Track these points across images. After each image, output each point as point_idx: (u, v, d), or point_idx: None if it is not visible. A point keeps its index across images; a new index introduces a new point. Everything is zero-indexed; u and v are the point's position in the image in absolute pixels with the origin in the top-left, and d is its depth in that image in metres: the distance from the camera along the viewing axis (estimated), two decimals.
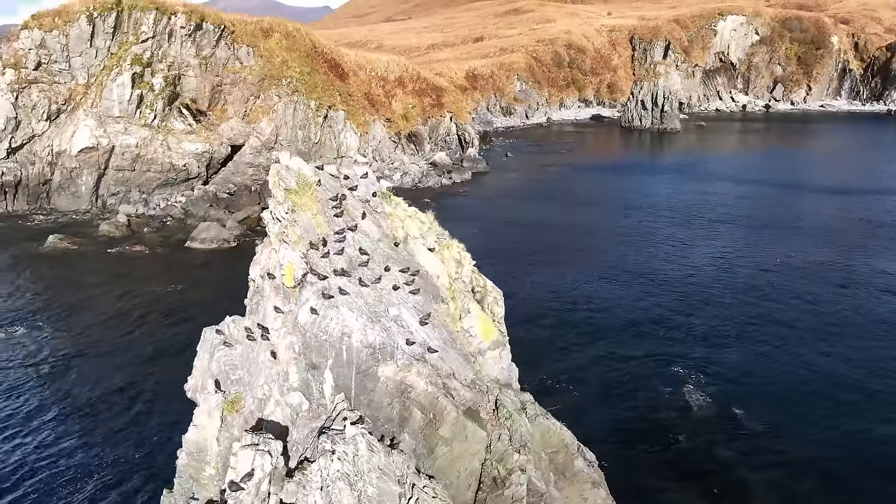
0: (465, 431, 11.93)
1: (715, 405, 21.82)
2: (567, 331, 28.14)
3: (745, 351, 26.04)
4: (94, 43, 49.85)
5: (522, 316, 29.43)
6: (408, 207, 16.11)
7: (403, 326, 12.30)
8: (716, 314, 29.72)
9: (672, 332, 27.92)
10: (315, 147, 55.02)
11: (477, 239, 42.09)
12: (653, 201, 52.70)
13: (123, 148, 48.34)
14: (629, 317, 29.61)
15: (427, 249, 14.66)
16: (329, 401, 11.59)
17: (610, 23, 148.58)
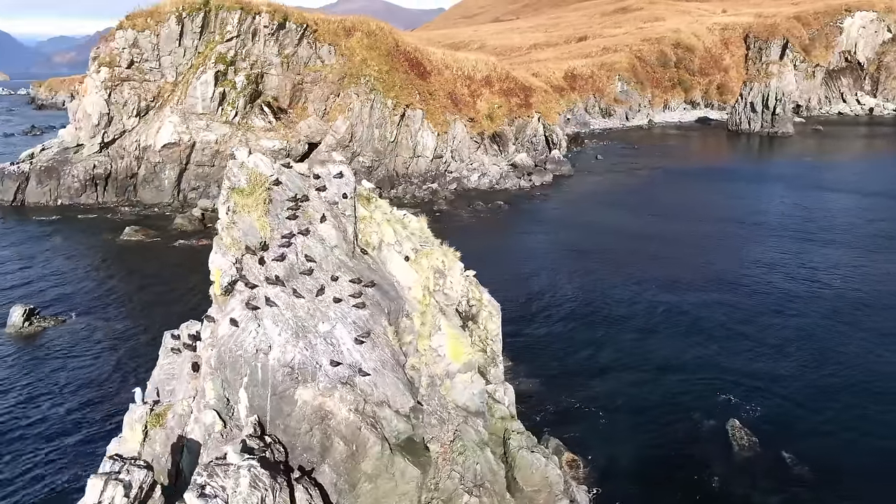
0: (392, 468, 10.54)
1: (762, 445, 19.15)
2: (613, 346, 25.92)
3: (818, 386, 22.96)
4: (183, 42, 51.53)
5: (563, 329, 27.49)
6: (393, 211, 14.81)
7: (333, 345, 11.05)
8: (797, 341, 26.52)
9: (735, 356, 25.14)
10: (391, 146, 54.64)
11: (541, 244, 40.37)
12: (749, 211, 48.44)
13: (203, 144, 49.73)
14: (689, 333, 26.98)
15: (402, 258, 13.31)
16: (245, 423, 10.51)
17: (723, 21, 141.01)
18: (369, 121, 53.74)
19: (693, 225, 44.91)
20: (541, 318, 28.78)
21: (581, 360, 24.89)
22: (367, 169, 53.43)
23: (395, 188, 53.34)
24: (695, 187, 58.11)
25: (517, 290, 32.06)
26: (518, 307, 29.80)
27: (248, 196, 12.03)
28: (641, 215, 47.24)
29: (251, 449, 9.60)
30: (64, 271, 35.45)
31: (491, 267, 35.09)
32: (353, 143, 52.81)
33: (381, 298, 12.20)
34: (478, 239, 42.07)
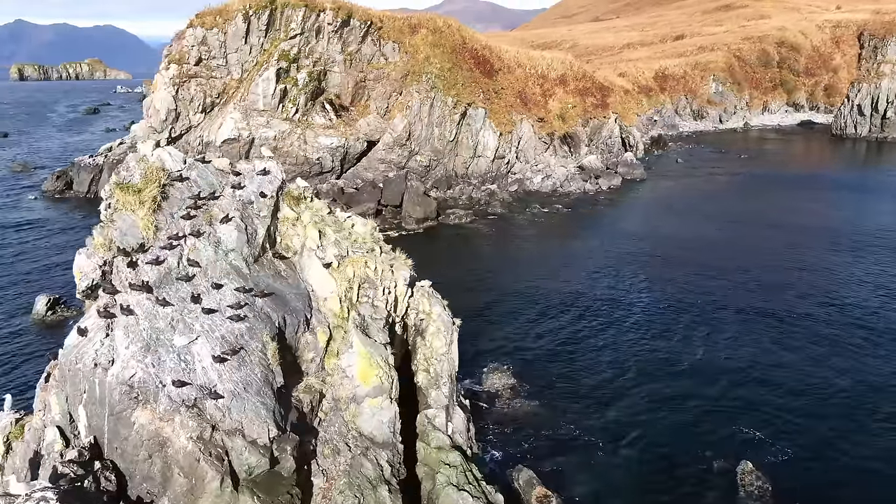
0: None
1: (774, 496, 16.61)
2: (635, 372, 23.61)
3: (860, 439, 19.96)
4: (249, 40, 52.25)
5: (582, 348, 25.40)
6: (336, 213, 13.54)
7: (186, 362, 9.90)
8: (857, 387, 23.37)
9: (772, 392, 22.35)
10: (450, 145, 53.41)
11: (586, 252, 37.84)
12: (840, 225, 43.26)
13: (262, 140, 50.15)
14: (726, 367, 24.27)
15: (322, 265, 12.03)
16: (84, 443, 9.53)
17: (835, 17, 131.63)
18: (428, 119, 52.70)
19: (769, 238, 40.87)
20: (560, 333, 26.74)
21: (594, 383, 22.79)
22: (425, 168, 52.46)
23: (452, 188, 52.09)
24: (778, 196, 53.64)
25: (543, 300, 30.11)
26: (536, 319, 27.91)
27: (132, 193, 11.10)
28: (711, 225, 43.75)
29: (61, 475, 8.62)
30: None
31: (519, 274, 33.26)
32: (410, 141, 51.94)
33: (273, 310, 10.99)
34: (517, 243, 40.19)
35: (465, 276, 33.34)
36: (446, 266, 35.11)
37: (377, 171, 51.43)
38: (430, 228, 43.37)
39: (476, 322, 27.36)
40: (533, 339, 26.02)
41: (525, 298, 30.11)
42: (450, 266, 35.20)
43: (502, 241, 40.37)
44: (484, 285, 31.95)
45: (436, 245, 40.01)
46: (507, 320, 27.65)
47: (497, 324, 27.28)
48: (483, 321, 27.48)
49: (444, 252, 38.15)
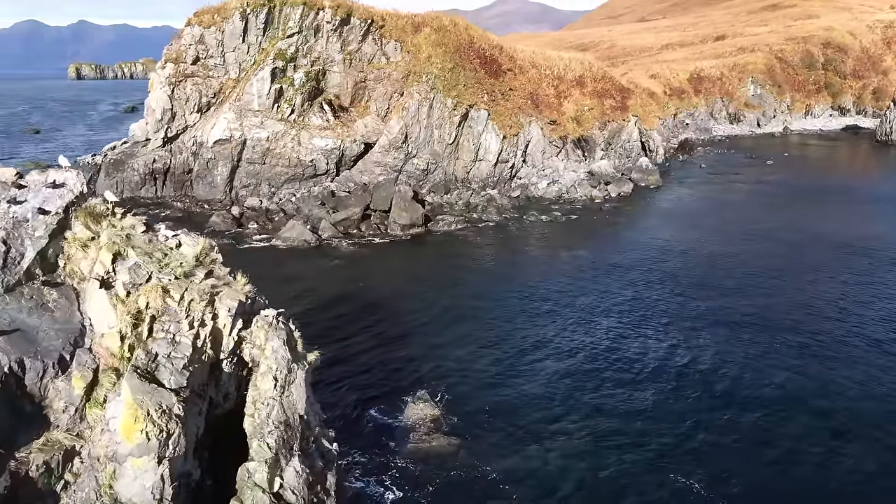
0: None
1: None
2: (607, 416, 21.32)
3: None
4: (247, 38, 51.21)
5: (531, 388, 23.19)
6: (159, 231, 11.80)
7: None
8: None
9: (760, 460, 19.85)
10: (450, 148, 51.44)
11: (571, 267, 35.04)
12: (871, 242, 39.82)
13: (254, 141, 49.04)
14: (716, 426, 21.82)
15: (105, 295, 10.29)
16: None
17: (888, 17, 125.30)
18: (427, 121, 50.82)
19: (788, 255, 37.63)
20: (514, 359, 24.50)
21: (535, 419, 20.54)
22: (423, 172, 50.61)
23: (450, 193, 50.09)
24: (797, 208, 50.04)
25: (505, 321, 27.89)
26: (493, 342, 25.70)
27: None
28: (715, 239, 40.67)
29: None
30: None
31: (489, 289, 30.70)
32: (406, 144, 50.14)
33: (5, 352, 9.30)
34: (498, 255, 37.95)
35: (424, 290, 31.36)
36: (410, 278, 33.20)
37: (373, 175, 49.80)
38: (416, 236, 41.49)
39: (420, 343, 25.40)
40: (482, 364, 23.86)
41: (486, 319, 27.94)
42: (414, 278, 33.27)
43: (484, 252, 38.20)
44: (443, 301, 29.87)
45: (411, 253, 38.10)
46: (458, 342, 25.53)
47: (444, 346, 25.21)
48: (429, 343, 25.46)
49: (415, 262, 36.21)
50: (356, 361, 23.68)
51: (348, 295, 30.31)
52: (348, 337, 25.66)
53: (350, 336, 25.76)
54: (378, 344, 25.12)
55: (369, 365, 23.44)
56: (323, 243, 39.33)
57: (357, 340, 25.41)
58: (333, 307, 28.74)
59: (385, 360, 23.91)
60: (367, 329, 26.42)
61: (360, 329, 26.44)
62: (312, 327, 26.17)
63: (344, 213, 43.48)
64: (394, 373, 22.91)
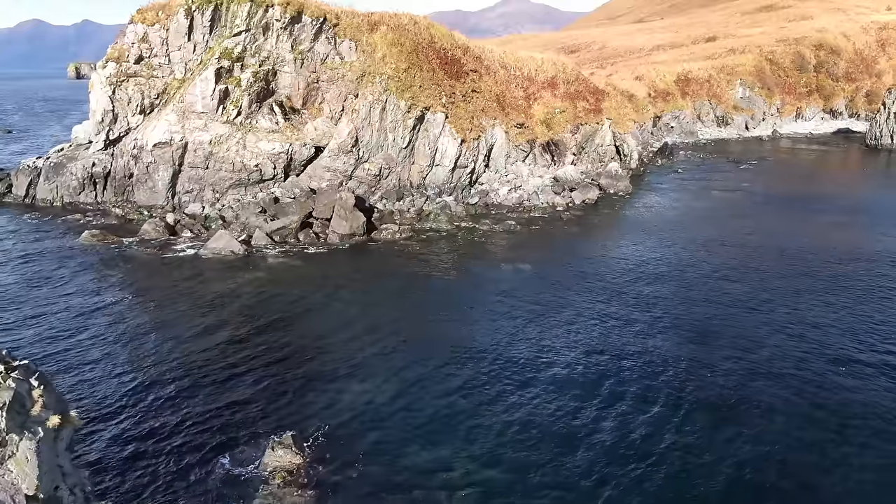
0: None
1: None
2: (493, 457, 18.93)
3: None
4: (193, 37, 48.97)
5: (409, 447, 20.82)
6: None
7: None
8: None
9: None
10: (404, 153, 49.03)
11: (502, 287, 32.00)
12: (850, 257, 37.33)
13: (196, 145, 46.70)
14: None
15: None
16: None
17: (883, 19, 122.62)
18: (380, 124, 48.42)
19: (751, 270, 35.25)
20: (403, 394, 22.09)
21: (415, 469, 18.17)
22: (375, 177, 48.22)
23: (403, 199, 47.69)
24: (774, 217, 47.47)
25: (410, 351, 25.49)
26: (389, 376, 23.27)
27: None
28: (679, 253, 38.07)
29: None
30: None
31: (409, 311, 27.67)
32: (356, 148, 47.74)
33: None
34: (434, 269, 35.47)
35: (340, 308, 28.97)
36: (329, 293, 30.78)
37: (322, 180, 47.44)
38: (355, 245, 39.11)
39: (314, 372, 22.99)
40: (381, 397, 21.41)
41: (400, 344, 25.51)
42: (334, 293, 30.85)
43: (419, 264, 35.74)
44: (358, 321, 27.42)
45: (343, 265, 35.66)
46: (360, 371, 23.09)
47: (342, 376, 22.76)
48: (325, 371, 23.06)
49: (343, 275, 33.75)
50: (231, 394, 21.28)
51: (250, 313, 27.93)
52: (229, 365, 23.25)
53: (231, 364, 23.35)
54: (261, 374, 22.70)
55: (244, 398, 21.03)
56: (252, 254, 36.97)
57: (238, 369, 23.00)
58: (226, 327, 26.38)
59: (265, 392, 21.51)
60: (256, 355, 24.02)
61: (247, 355, 24.04)
62: (191, 353, 23.85)
63: (281, 222, 41.13)
64: (271, 408, 20.51)
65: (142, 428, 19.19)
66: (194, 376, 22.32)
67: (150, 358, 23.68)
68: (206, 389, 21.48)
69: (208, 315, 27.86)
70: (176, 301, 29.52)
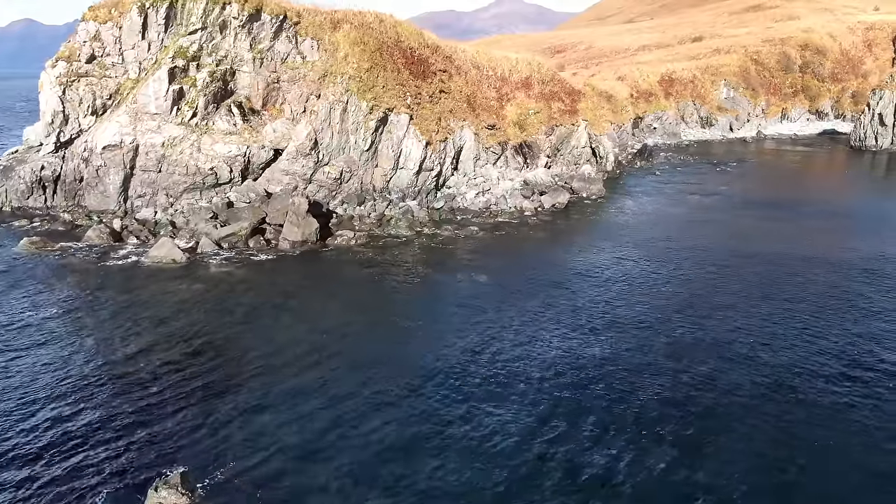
0: None
1: None
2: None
3: None
4: (147, 35, 47.12)
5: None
6: None
7: None
8: None
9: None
10: (366, 155, 47.27)
11: (455, 302, 30.12)
12: (824, 263, 35.52)
13: (148, 147, 44.84)
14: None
15: None
16: None
17: (870, 19, 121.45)
18: (341, 126, 46.66)
19: (719, 280, 33.63)
20: (334, 436, 20.36)
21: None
22: (336, 181, 46.47)
23: (364, 204, 45.93)
24: (747, 223, 45.96)
25: (349, 374, 23.76)
26: (319, 406, 21.55)
27: None
28: (644, 262, 36.40)
29: None
30: None
31: (350, 331, 25.57)
32: (316, 150, 45.98)
33: None
34: (384, 279, 33.72)
35: (278, 325, 27.25)
36: (269, 307, 29.00)
37: (280, 184, 45.65)
38: (307, 253, 37.34)
39: (231, 399, 21.22)
40: (305, 431, 19.65)
41: (334, 364, 23.77)
42: (274, 307, 29.08)
43: (370, 274, 33.96)
44: (295, 340, 25.64)
45: (290, 275, 33.84)
46: (283, 398, 21.27)
47: (261, 405, 20.98)
48: (245, 398, 21.28)
49: (288, 286, 31.93)
50: (137, 424, 19.47)
51: (180, 331, 26.13)
52: (145, 390, 21.45)
53: (148, 389, 21.56)
54: (180, 402, 20.88)
55: (152, 429, 19.23)
56: (196, 262, 35.15)
57: (154, 395, 21.20)
58: (152, 346, 24.57)
59: (178, 422, 19.72)
60: (178, 380, 22.19)
61: (168, 379, 22.22)
62: (105, 378, 22.06)
63: (231, 228, 39.33)
64: (178, 441, 18.73)
65: (16, 462, 17.40)
66: (102, 405, 20.52)
67: (59, 383, 21.86)
68: (112, 420, 19.69)
69: (135, 332, 26.06)
70: (101, 317, 27.71)
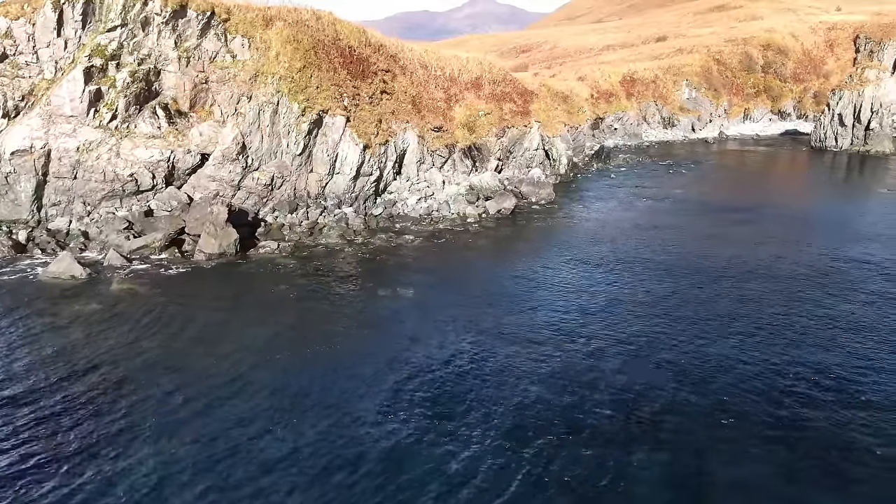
0: None
1: None
2: None
3: None
4: (63, 32, 44.11)
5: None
6: None
7: None
8: None
9: None
10: (299, 160, 44.72)
11: (382, 323, 27.25)
12: (773, 272, 33.93)
13: (61, 153, 41.86)
14: None
15: None
16: None
17: (831, 19, 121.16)
18: (272, 129, 44.08)
19: (660, 291, 31.72)
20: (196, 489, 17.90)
21: None
22: (266, 188, 43.86)
23: (296, 212, 43.40)
24: (697, 228, 44.23)
25: (227, 416, 21.29)
26: (183, 456, 19.05)
27: None
28: (589, 273, 34.35)
29: None
30: None
31: (232, 362, 22.55)
32: (244, 155, 43.34)
33: None
34: (290, 296, 31.23)
35: (168, 353, 24.68)
36: (166, 332, 26.40)
37: (207, 191, 42.93)
38: (223, 266, 34.70)
39: (88, 444, 18.66)
40: (160, 480, 17.22)
41: (210, 402, 21.28)
42: (172, 332, 26.49)
43: (280, 292, 31.21)
44: (175, 374, 23.10)
45: (199, 292, 31.14)
46: (148, 443, 18.85)
47: (117, 453, 18.48)
48: (105, 443, 18.74)
49: (195, 305, 29.33)
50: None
51: (59, 359, 23.42)
52: (6, 431, 18.85)
53: (10, 428, 18.96)
54: (39, 443, 18.30)
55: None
56: (98, 279, 32.35)
57: (14, 435, 18.58)
58: (24, 378, 21.85)
59: (29, 466, 17.16)
60: (43, 416, 19.58)
61: (34, 414, 19.60)
62: None
63: (144, 240, 36.63)
64: (19, 489, 16.17)
65: None
66: None
67: None
68: None
69: (7, 362, 23.32)
70: None
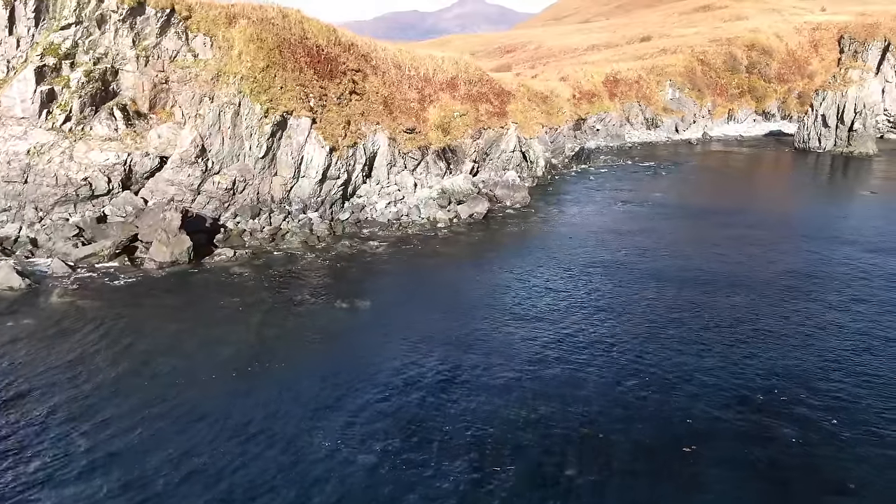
0: None
1: None
2: None
3: None
4: (16, 30, 42.33)
5: None
6: None
7: None
8: None
9: None
10: (262, 163, 43.06)
11: (339, 338, 25.18)
12: (747, 280, 32.65)
13: (10, 156, 40.05)
14: None
15: None
16: None
17: (816, 20, 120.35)
18: (233, 131, 42.41)
19: (634, 300, 30.33)
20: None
21: None
22: (228, 192, 42.18)
23: (258, 217, 41.73)
24: (674, 234, 42.94)
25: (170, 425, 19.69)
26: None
27: None
28: (561, 282, 32.93)
29: None
30: None
31: (163, 384, 20.23)
32: (204, 158, 41.62)
33: None
34: (239, 309, 29.63)
35: (97, 373, 23.04)
36: (99, 350, 24.74)
37: (165, 195, 41.19)
38: (174, 275, 33.01)
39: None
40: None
41: (138, 434, 19.67)
42: (107, 349, 24.85)
43: (230, 305, 29.45)
44: (105, 402, 21.49)
45: (143, 304, 29.42)
46: (63, 480, 17.24)
47: (31, 491, 16.86)
48: (17, 478, 17.12)
49: (138, 319, 27.70)
50: None
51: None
52: None
53: None
54: None
55: None
56: (39, 289, 30.59)
57: None
58: None
59: None
60: None
61: None
62: None
63: (92, 248, 34.89)
64: None
65: None
66: None
67: None
68: None
69: None
70: None
